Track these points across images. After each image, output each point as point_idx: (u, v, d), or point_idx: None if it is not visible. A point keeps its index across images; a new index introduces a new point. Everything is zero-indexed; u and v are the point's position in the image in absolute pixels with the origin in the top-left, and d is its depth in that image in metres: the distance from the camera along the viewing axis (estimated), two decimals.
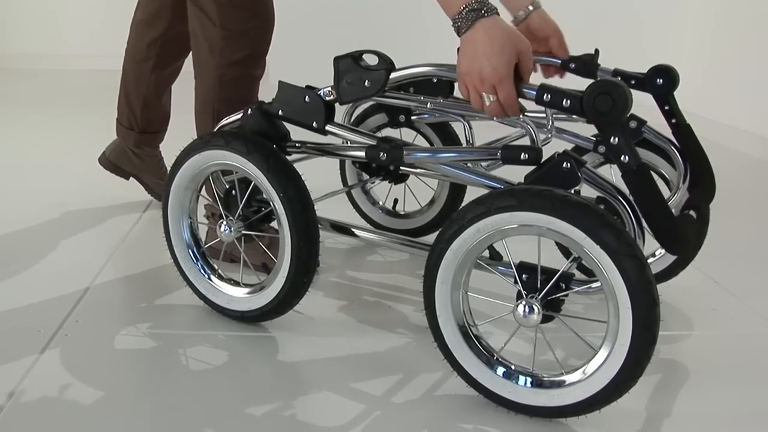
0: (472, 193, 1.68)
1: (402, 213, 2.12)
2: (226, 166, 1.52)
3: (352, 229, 1.61)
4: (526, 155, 1.26)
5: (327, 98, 1.45)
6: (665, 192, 1.70)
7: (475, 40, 1.18)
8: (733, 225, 2.45)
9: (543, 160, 1.25)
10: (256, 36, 1.81)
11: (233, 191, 1.56)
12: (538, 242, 1.24)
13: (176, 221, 1.63)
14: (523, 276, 1.24)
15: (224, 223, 1.56)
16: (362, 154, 1.42)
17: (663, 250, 1.78)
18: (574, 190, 1.61)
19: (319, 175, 1.85)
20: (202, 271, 1.64)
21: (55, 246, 2.01)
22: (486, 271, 1.34)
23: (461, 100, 1.51)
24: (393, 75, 1.38)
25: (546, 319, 1.24)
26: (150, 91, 2.16)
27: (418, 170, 1.94)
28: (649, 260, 1.78)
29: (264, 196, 1.50)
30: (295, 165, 1.48)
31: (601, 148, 1.72)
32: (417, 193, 2.10)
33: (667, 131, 1.72)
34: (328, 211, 1.70)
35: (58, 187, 2.52)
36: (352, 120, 2.00)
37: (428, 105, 1.55)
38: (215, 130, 1.60)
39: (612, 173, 1.81)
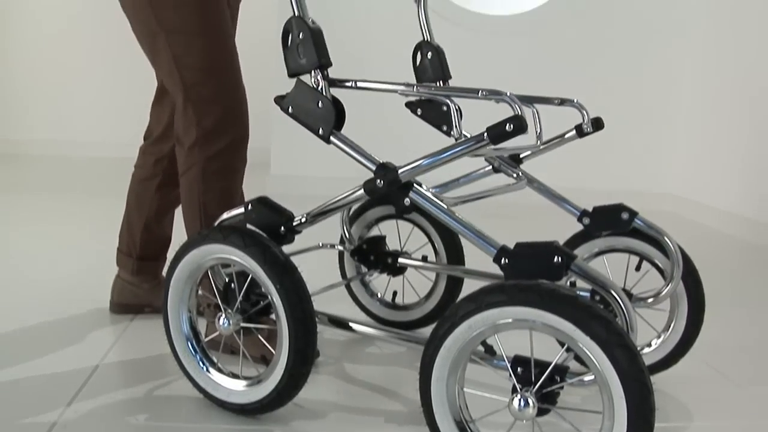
0: (469, 285, 1.70)
1: (401, 305, 2.14)
2: (224, 259, 1.55)
3: (350, 324, 1.62)
4: (511, 126, 1.27)
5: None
6: (659, 282, 1.73)
7: None
8: (731, 312, 2.45)
9: (538, 243, 1.28)
10: (229, 125, 1.87)
11: (232, 284, 1.58)
12: (530, 336, 1.26)
13: (175, 314, 1.65)
14: (518, 369, 1.25)
15: (223, 315, 1.58)
16: (361, 192, 1.46)
17: (659, 340, 1.78)
18: (570, 282, 1.64)
19: (318, 269, 1.88)
20: (201, 363, 1.64)
21: (55, 336, 2.01)
22: (481, 365, 1.35)
23: (448, 87, 1.52)
24: None
25: (542, 412, 1.24)
26: (152, 212, 2.16)
27: (416, 263, 1.97)
28: (646, 350, 1.79)
29: (262, 288, 1.52)
30: (294, 258, 1.51)
31: (585, 220, 1.78)
32: (415, 285, 2.12)
33: (658, 221, 1.74)
34: (326, 303, 1.72)
35: (60, 275, 2.55)
36: (351, 213, 2.04)
37: (414, 89, 1.51)
38: (215, 224, 1.63)
39: (606, 264, 1.83)
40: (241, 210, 1.59)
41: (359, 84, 1.50)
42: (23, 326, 2.09)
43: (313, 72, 1.48)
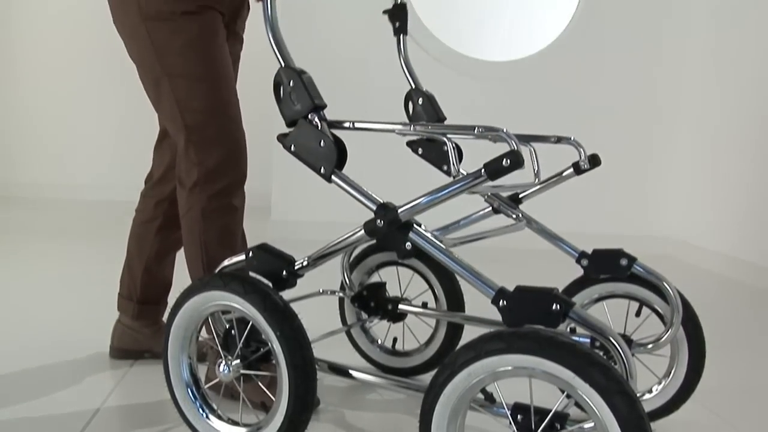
0: (469, 331, 1.70)
1: (401, 351, 2.13)
2: (225, 306, 1.55)
3: (350, 371, 1.62)
4: (508, 161, 1.29)
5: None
6: (660, 327, 1.73)
7: None
8: (733, 356, 2.44)
9: (537, 288, 1.28)
10: (230, 166, 1.91)
11: (232, 331, 1.59)
12: (530, 383, 1.26)
13: (176, 361, 1.65)
14: (518, 417, 1.24)
15: (223, 362, 1.58)
16: (362, 233, 1.46)
17: (660, 386, 1.78)
18: (570, 328, 1.64)
19: (319, 315, 1.88)
20: (200, 410, 1.64)
21: (55, 379, 2.01)
22: (481, 412, 1.34)
23: (444, 125, 1.54)
24: None
25: None
26: (152, 255, 2.18)
27: (416, 309, 1.97)
28: (647, 396, 1.78)
29: (262, 335, 1.52)
30: (294, 304, 1.51)
31: (584, 261, 1.79)
32: (415, 332, 2.12)
33: (658, 265, 1.75)
34: (327, 349, 1.71)
35: (61, 319, 2.55)
36: (351, 259, 2.05)
37: (411, 128, 1.52)
38: (216, 271, 1.64)
39: (606, 310, 1.84)
40: (242, 257, 1.60)
41: (357, 125, 1.51)
42: (23, 369, 2.09)
43: (309, 115, 1.50)
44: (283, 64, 1.51)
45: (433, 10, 4.45)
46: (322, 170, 1.49)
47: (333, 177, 1.49)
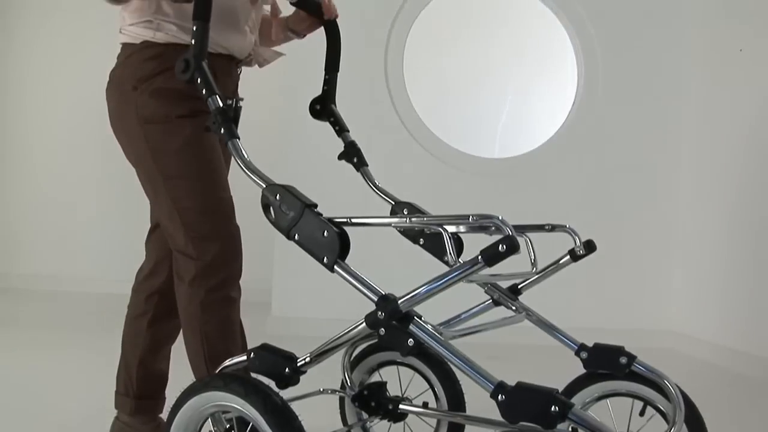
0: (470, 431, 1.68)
1: None
2: (225, 407, 1.55)
3: None
4: (504, 246, 1.29)
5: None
6: (663, 426, 1.71)
7: None
8: None
9: (537, 387, 1.28)
10: (227, 260, 1.96)
11: (232, 431, 1.57)
12: None
13: None
14: None
15: None
16: (363, 326, 1.45)
17: None
18: (571, 428, 1.63)
19: (319, 415, 1.86)
20: None
21: None
22: None
23: (440, 215, 1.54)
24: None
25: None
26: (146, 348, 2.18)
27: (417, 409, 1.96)
28: None
29: None
30: (295, 403, 1.51)
31: (583, 354, 1.78)
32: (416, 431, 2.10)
33: (658, 359, 1.74)
34: None
35: (58, 416, 2.52)
36: (352, 358, 2.04)
37: (407, 221, 1.54)
38: (217, 371, 1.64)
39: (610, 409, 1.82)
40: (244, 358, 1.61)
41: (354, 220, 1.52)
42: None
43: (304, 215, 1.52)
44: (264, 186, 1.56)
45: (432, 111, 4.58)
46: (325, 260, 1.50)
47: (335, 267, 1.49)
